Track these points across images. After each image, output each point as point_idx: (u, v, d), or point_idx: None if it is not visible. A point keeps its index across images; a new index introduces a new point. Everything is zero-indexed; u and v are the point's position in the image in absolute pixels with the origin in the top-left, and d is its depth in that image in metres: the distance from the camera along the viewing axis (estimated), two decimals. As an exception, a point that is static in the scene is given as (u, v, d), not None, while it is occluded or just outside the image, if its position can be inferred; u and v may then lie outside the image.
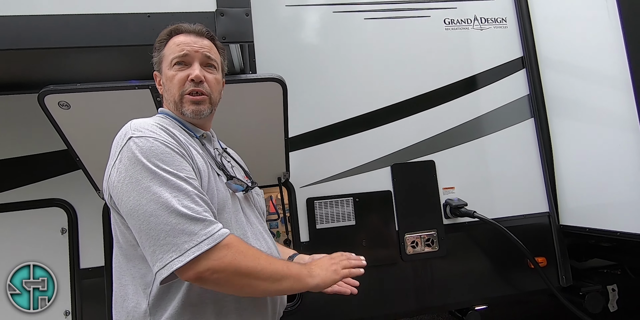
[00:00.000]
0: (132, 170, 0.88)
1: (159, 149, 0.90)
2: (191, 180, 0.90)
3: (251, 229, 1.08)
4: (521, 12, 2.47)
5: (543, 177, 2.41)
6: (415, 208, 2.26)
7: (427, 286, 2.23)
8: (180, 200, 0.85)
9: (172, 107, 1.08)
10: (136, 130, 0.93)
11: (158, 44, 1.10)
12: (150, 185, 0.86)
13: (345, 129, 2.23)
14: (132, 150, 0.89)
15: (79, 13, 1.46)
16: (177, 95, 1.05)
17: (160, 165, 0.88)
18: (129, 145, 0.90)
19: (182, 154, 0.94)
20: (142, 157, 0.88)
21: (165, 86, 1.08)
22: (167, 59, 1.07)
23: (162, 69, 1.09)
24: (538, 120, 2.42)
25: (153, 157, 0.88)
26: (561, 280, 2.33)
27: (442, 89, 2.35)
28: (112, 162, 0.93)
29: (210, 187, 0.98)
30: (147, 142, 0.90)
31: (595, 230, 2.14)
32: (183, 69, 1.05)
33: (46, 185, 1.98)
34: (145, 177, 0.86)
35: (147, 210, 0.84)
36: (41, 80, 1.62)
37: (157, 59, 1.10)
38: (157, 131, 0.95)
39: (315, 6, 2.28)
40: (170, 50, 1.07)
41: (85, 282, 1.95)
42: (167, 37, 1.10)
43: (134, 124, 0.96)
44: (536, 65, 2.44)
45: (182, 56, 1.05)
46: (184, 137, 1.03)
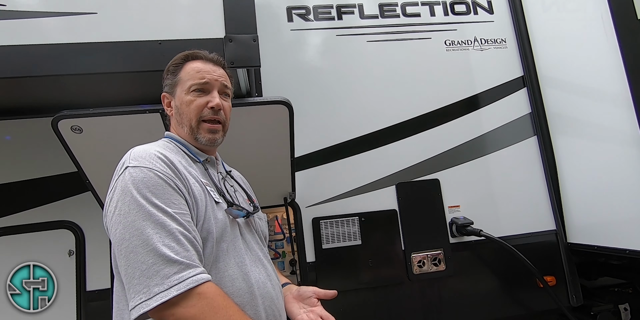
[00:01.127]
0: (122, 202, 0.88)
1: (151, 181, 0.90)
2: (179, 215, 0.89)
3: (250, 255, 1.06)
4: (520, 32, 2.53)
5: (548, 195, 2.41)
6: (421, 227, 2.25)
7: (435, 306, 2.20)
8: (162, 239, 0.84)
9: (186, 131, 1.09)
10: (134, 159, 0.94)
11: (173, 68, 1.12)
12: (135, 219, 0.86)
13: (350, 149, 2.26)
14: (125, 180, 0.90)
15: (92, 41, 1.53)
16: (195, 121, 1.07)
17: (149, 198, 0.88)
18: (124, 175, 0.91)
19: (175, 186, 0.93)
20: (134, 189, 0.88)
21: (179, 110, 1.09)
22: (184, 83, 1.09)
23: (177, 93, 1.10)
24: (541, 137, 2.44)
25: (144, 189, 0.88)
26: (571, 300, 2.29)
27: (445, 108, 2.39)
28: (109, 191, 0.95)
29: (207, 217, 0.98)
30: (141, 173, 0.90)
31: (603, 248, 2.12)
32: (201, 96, 1.08)
33: (55, 208, 2.00)
34: (133, 210, 0.87)
35: (129, 246, 0.84)
36: (55, 105, 1.67)
37: (172, 81, 1.11)
38: (154, 161, 0.94)
39: (319, 30, 2.35)
40: (188, 75, 1.09)
41: (91, 305, 1.94)
42: (183, 61, 1.12)
43: (134, 153, 0.97)
44: (537, 84, 2.48)
45: (202, 84, 1.08)
46: (185, 164, 1.03)
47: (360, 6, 2.42)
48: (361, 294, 2.14)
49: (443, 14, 2.50)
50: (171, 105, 1.12)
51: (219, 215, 1.01)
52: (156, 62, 1.55)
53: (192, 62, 1.11)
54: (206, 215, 0.98)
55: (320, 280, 2.10)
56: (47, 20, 1.51)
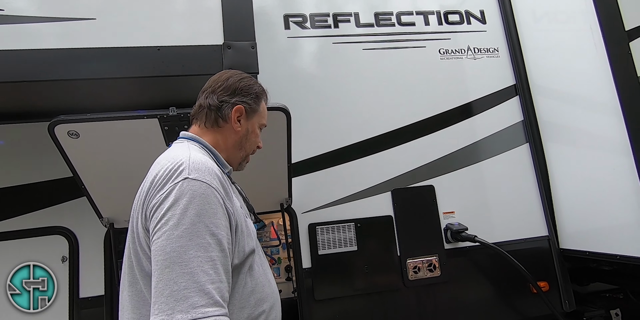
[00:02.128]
0: (173, 212, 0.88)
1: (207, 199, 0.90)
2: (224, 240, 0.90)
3: (266, 262, 1.15)
4: (512, 42, 2.59)
5: (541, 201, 2.45)
6: (416, 233, 2.26)
7: (430, 312, 2.20)
8: (202, 264, 0.84)
9: (241, 155, 1.20)
10: (194, 170, 0.94)
11: (259, 93, 1.21)
12: (182, 235, 0.85)
13: (346, 155, 2.27)
14: (183, 191, 0.89)
15: (90, 47, 1.53)
16: (251, 152, 1.24)
17: (202, 217, 0.88)
18: (182, 185, 0.90)
19: (224, 206, 0.94)
20: (190, 203, 0.88)
21: (248, 136, 1.19)
22: (261, 118, 1.22)
23: (253, 120, 1.20)
24: (533, 145, 2.48)
25: (200, 206, 0.89)
26: (564, 305, 2.31)
27: (439, 115, 2.42)
28: (161, 194, 0.91)
29: (249, 231, 1.05)
30: (200, 187, 0.91)
31: (595, 253, 2.15)
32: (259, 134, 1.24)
33: (49, 213, 1.97)
34: (183, 225, 0.86)
35: (167, 260, 0.84)
36: (51, 110, 1.66)
37: (254, 106, 1.19)
38: (212, 177, 0.95)
39: (316, 37, 2.37)
40: (264, 113, 1.24)
41: (84, 312, 1.91)
42: (262, 94, 1.22)
43: (193, 163, 0.96)
44: (529, 93, 2.53)
45: (264, 126, 1.26)
46: (222, 176, 1.04)
47: (356, 15, 2.46)
48: (357, 300, 2.14)
49: (437, 24, 2.55)
50: (240, 122, 1.17)
51: (251, 227, 1.10)
52: (155, 68, 1.56)
53: (265, 98, 1.24)
54: (247, 230, 1.05)
55: (316, 286, 2.09)
56: (46, 26, 1.51)
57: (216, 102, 1.14)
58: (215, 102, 1.14)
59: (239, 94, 1.16)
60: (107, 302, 1.88)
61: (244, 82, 1.18)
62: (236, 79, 1.18)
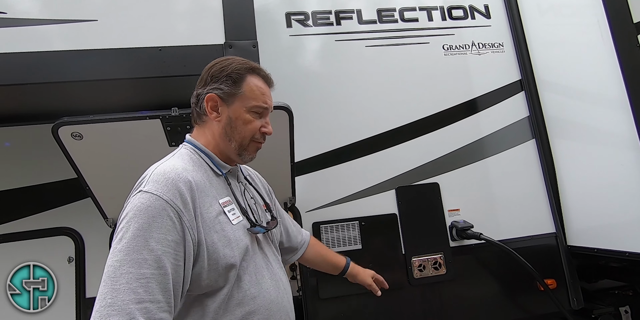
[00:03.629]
0: (122, 226, 0.88)
1: (155, 212, 0.88)
2: (167, 256, 0.86)
3: (269, 271, 1.09)
4: (517, 37, 2.55)
5: (548, 198, 2.42)
6: (421, 231, 2.25)
7: (436, 310, 2.19)
8: (131, 282, 0.81)
9: (233, 146, 1.08)
10: (151, 181, 0.92)
11: (235, 75, 1.06)
12: (122, 249, 0.84)
13: (349, 153, 2.26)
14: (134, 205, 0.89)
15: (93, 48, 1.53)
16: (248, 140, 1.09)
17: (145, 233, 0.85)
18: (135, 198, 0.91)
19: (178, 219, 0.90)
20: (136, 217, 0.87)
21: (232, 123, 1.07)
22: (247, 100, 1.07)
23: (234, 105, 1.07)
24: (539, 141, 2.45)
25: (145, 220, 0.86)
26: (572, 303, 2.29)
27: (444, 112, 2.40)
28: (122, 208, 0.93)
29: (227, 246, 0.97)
30: (149, 200, 0.89)
31: (603, 250, 2.12)
32: (257, 118, 1.09)
33: (55, 214, 1.99)
34: (125, 239, 0.85)
35: (106, 272, 0.83)
36: (55, 111, 1.67)
37: (231, 90, 1.06)
38: (169, 189, 0.91)
39: (318, 35, 2.36)
40: (252, 93, 1.07)
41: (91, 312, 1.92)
42: (246, 72, 1.08)
43: (154, 174, 0.95)
44: (534, 88, 2.50)
45: (263, 108, 1.10)
46: (205, 180, 1.02)
47: (359, 12, 2.44)
48: (362, 299, 2.13)
49: (441, 19, 2.52)
50: (219, 111, 1.07)
51: (239, 235, 1.02)
52: (156, 68, 1.56)
53: (254, 77, 1.09)
54: (225, 241, 0.97)
55: (321, 286, 2.09)
56: (48, 28, 1.52)
57: (194, 98, 1.10)
58: (194, 98, 1.10)
59: (210, 81, 1.07)
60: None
61: (215, 68, 1.08)
62: (208, 67, 1.10)
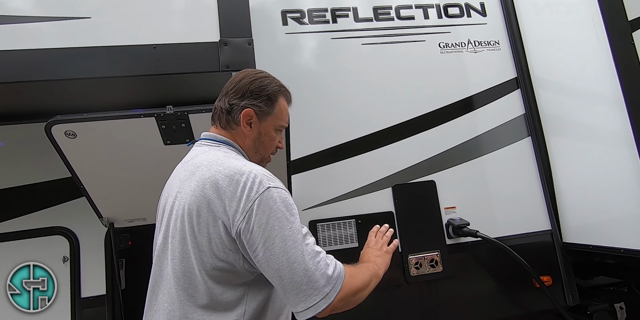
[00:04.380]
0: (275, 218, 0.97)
1: (291, 201, 1.03)
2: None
3: None
4: (513, 34, 2.55)
5: (543, 195, 2.43)
6: (417, 228, 2.25)
7: (433, 308, 2.20)
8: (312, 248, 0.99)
9: (257, 158, 1.21)
10: (270, 180, 1.02)
11: (272, 94, 1.17)
12: (290, 235, 0.97)
13: (345, 152, 2.25)
14: (273, 199, 0.98)
15: (86, 46, 1.52)
16: (268, 153, 1.24)
17: (296, 217, 1.01)
18: (268, 193, 0.99)
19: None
20: (284, 209, 0.99)
21: (261, 139, 1.19)
22: (276, 120, 1.19)
23: (267, 122, 1.18)
24: (535, 138, 2.45)
25: (292, 209, 1.01)
26: (568, 300, 2.30)
27: (440, 110, 2.40)
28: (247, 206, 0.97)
29: None
30: (283, 194, 1.02)
31: (598, 247, 2.13)
32: (278, 135, 1.23)
33: (49, 214, 1.97)
34: (287, 227, 0.97)
35: (291, 257, 0.96)
36: (48, 110, 1.65)
37: (266, 108, 1.16)
38: (280, 183, 1.05)
39: (314, 33, 2.35)
40: (281, 114, 1.20)
41: (86, 312, 1.92)
42: (279, 93, 1.19)
43: (263, 174, 1.03)
44: (530, 86, 2.50)
45: (284, 128, 1.24)
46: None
47: (355, 9, 2.43)
48: (359, 297, 2.13)
49: (437, 17, 2.52)
50: (251, 125, 1.16)
51: None
52: (151, 66, 1.55)
53: (284, 98, 1.21)
54: None
55: (317, 284, 2.09)
56: (41, 25, 1.50)
57: (227, 105, 1.15)
58: (226, 106, 1.15)
59: (249, 96, 1.14)
60: (109, 302, 1.89)
61: (256, 84, 1.15)
62: (248, 81, 1.16)
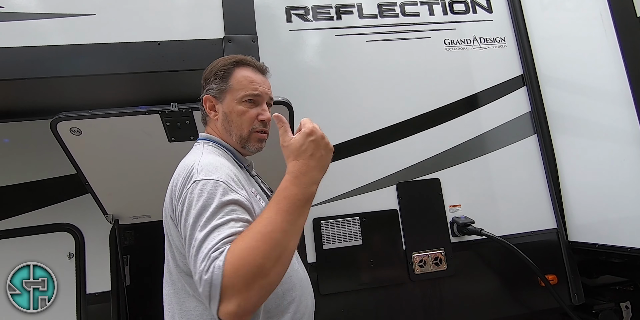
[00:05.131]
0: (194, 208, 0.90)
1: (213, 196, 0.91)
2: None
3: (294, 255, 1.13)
4: (519, 31, 2.52)
5: (549, 193, 2.41)
6: (422, 226, 2.24)
7: (436, 306, 2.19)
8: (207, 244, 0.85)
9: (235, 139, 1.11)
10: (205, 172, 0.95)
11: (222, 72, 1.11)
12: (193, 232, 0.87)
13: (350, 149, 2.25)
14: (194, 194, 0.91)
15: (90, 43, 1.52)
16: (246, 131, 1.11)
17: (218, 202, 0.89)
18: (194, 187, 0.92)
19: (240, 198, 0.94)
20: (204, 197, 0.90)
21: (228, 117, 1.11)
22: (235, 92, 1.10)
23: (226, 99, 1.11)
24: (541, 136, 2.43)
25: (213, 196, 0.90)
26: (573, 298, 2.29)
27: (445, 107, 2.38)
28: (178, 201, 0.94)
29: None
30: (209, 185, 0.92)
31: (605, 246, 2.11)
32: (252, 107, 1.11)
33: (54, 210, 1.99)
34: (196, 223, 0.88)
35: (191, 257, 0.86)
36: (53, 106, 1.66)
37: (220, 87, 1.11)
38: (219, 172, 0.96)
39: (318, 30, 2.34)
40: (240, 84, 1.10)
41: (91, 308, 1.93)
42: (232, 66, 1.11)
43: (201, 166, 0.97)
44: (536, 83, 2.48)
45: (254, 95, 1.10)
46: (237, 171, 1.06)
47: (359, 6, 2.41)
48: (362, 295, 2.13)
49: (442, 13, 2.50)
50: (215, 109, 1.12)
51: None
52: (155, 63, 1.55)
53: (242, 68, 1.12)
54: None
55: (321, 281, 2.09)
56: (45, 22, 1.51)
57: (200, 102, 1.16)
58: (200, 103, 1.16)
59: (206, 83, 1.14)
60: (114, 298, 1.90)
61: (207, 70, 1.14)
62: (205, 70, 1.15)
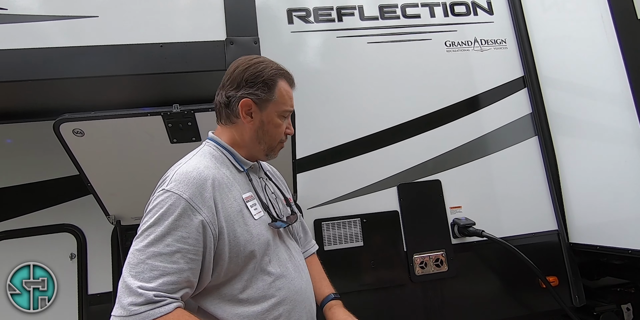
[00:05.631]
0: (145, 221, 0.95)
1: (175, 210, 0.93)
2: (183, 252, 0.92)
3: (292, 263, 1.12)
4: (520, 33, 2.53)
5: (550, 195, 2.41)
6: (423, 228, 2.25)
7: (437, 308, 2.19)
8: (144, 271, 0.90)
9: (263, 147, 1.13)
10: (173, 181, 0.98)
11: (269, 80, 1.10)
12: (139, 242, 0.93)
13: (351, 150, 2.25)
14: (155, 202, 0.96)
15: (93, 44, 1.53)
16: (276, 142, 1.16)
17: (164, 228, 0.92)
18: (157, 196, 0.97)
19: (198, 217, 0.94)
20: (156, 214, 0.94)
21: (265, 127, 1.11)
22: (279, 106, 1.12)
23: (268, 110, 1.11)
24: (542, 138, 2.44)
25: (165, 217, 0.93)
26: (574, 300, 2.29)
27: (446, 109, 2.39)
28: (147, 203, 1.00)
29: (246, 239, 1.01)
30: (170, 199, 0.94)
31: (605, 248, 2.12)
32: (284, 121, 1.16)
33: (56, 211, 2.00)
34: (144, 232, 0.93)
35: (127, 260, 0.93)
36: (56, 108, 1.67)
37: (265, 96, 1.09)
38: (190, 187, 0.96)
39: (319, 32, 2.35)
40: (282, 99, 1.12)
41: (93, 308, 1.94)
42: (278, 78, 1.12)
43: (177, 174, 0.99)
44: (537, 84, 2.48)
45: (290, 112, 1.17)
46: (228, 176, 1.06)
47: (361, 8, 2.42)
48: (363, 296, 2.14)
49: (443, 15, 2.50)
50: (252, 115, 1.10)
51: (261, 230, 1.06)
52: (158, 65, 1.56)
53: (283, 81, 1.14)
54: (244, 238, 1.01)
55: (322, 282, 2.09)
56: (49, 24, 1.51)
57: (224, 98, 1.10)
58: (224, 99, 1.10)
59: (245, 85, 1.08)
60: (115, 298, 1.90)
61: (250, 71, 1.09)
62: (242, 69, 1.10)
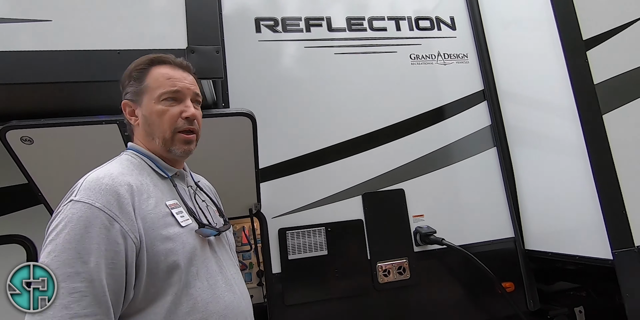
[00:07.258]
0: (51, 237, 0.85)
1: (86, 222, 0.84)
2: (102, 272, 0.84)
3: (223, 276, 1.03)
4: (481, 48, 2.65)
5: (507, 203, 2.51)
6: (386, 236, 2.28)
7: (401, 315, 2.22)
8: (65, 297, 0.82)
9: (158, 143, 1.02)
10: (83, 189, 0.88)
11: (136, 73, 1.03)
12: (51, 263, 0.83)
13: (316, 160, 2.27)
14: (65, 215, 0.86)
15: (47, 49, 1.48)
16: (169, 132, 1.01)
17: (75, 244, 0.83)
18: (66, 208, 0.87)
19: (113, 226, 0.86)
20: (66, 229, 0.84)
21: (148, 120, 1.01)
22: (153, 91, 1.01)
23: (143, 101, 1.02)
24: (500, 149, 2.54)
25: (76, 231, 0.83)
26: (529, 304, 2.38)
27: (410, 120, 2.45)
28: (52, 216, 0.89)
29: (170, 247, 0.92)
30: (81, 210, 0.85)
31: (557, 254, 2.22)
32: (173, 105, 1.02)
33: (4, 222, 1.89)
34: (55, 251, 0.84)
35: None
36: (4, 114, 1.59)
37: (136, 89, 1.02)
38: (102, 195, 0.87)
39: (287, 41, 2.36)
40: (157, 82, 1.01)
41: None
42: (148, 66, 1.04)
43: (86, 182, 0.90)
44: (496, 98, 2.60)
45: (174, 92, 1.01)
46: (148, 182, 0.98)
47: (329, 19, 2.46)
48: (328, 305, 2.14)
49: (408, 29, 2.58)
50: (135, 114, 1.03)
51: (187, 238, 0.96)
52: (115, 72, 1.51)
53: (159, 67, 1.04)
54: (165, 247, 0.92)
55: (286, 292, 2.08)
56: (-2, 27, 1.45)
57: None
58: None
59: (122, 89, 1.06)
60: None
61: (123, 76, 1.07)
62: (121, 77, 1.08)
